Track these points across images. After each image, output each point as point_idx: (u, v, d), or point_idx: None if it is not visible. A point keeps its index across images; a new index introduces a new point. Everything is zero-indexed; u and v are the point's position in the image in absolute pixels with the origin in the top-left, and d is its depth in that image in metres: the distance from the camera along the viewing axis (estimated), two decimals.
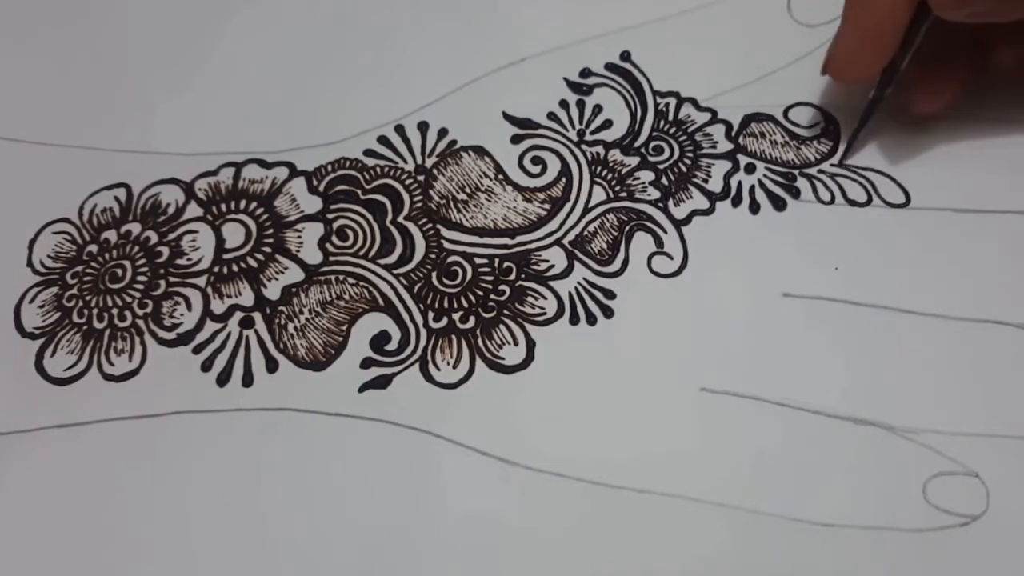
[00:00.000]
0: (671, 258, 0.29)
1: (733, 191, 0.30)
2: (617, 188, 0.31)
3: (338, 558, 0.25)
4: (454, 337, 0.28)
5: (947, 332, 0.27)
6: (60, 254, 0.30)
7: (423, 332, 0.28)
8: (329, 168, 0.31)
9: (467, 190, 0.31)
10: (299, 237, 0.30)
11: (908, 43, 0.27)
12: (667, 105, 0.32)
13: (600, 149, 0.31)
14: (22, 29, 0.36)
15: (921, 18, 0.27)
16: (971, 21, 0.26)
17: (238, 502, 0.26)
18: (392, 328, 0.28)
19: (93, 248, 0.30)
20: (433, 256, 0.30)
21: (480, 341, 0.28)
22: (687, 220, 0.30)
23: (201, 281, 0.29)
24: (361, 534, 0.25)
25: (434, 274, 0.29)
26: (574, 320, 0.28)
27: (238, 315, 0.29)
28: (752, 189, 0.30)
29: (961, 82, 0.29)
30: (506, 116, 0.32)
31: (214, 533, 0.25)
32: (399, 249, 0.30)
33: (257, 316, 0.29)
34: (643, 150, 0.31)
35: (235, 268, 0.30)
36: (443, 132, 0.32)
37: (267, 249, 0.30)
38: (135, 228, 0.31)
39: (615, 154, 0.31)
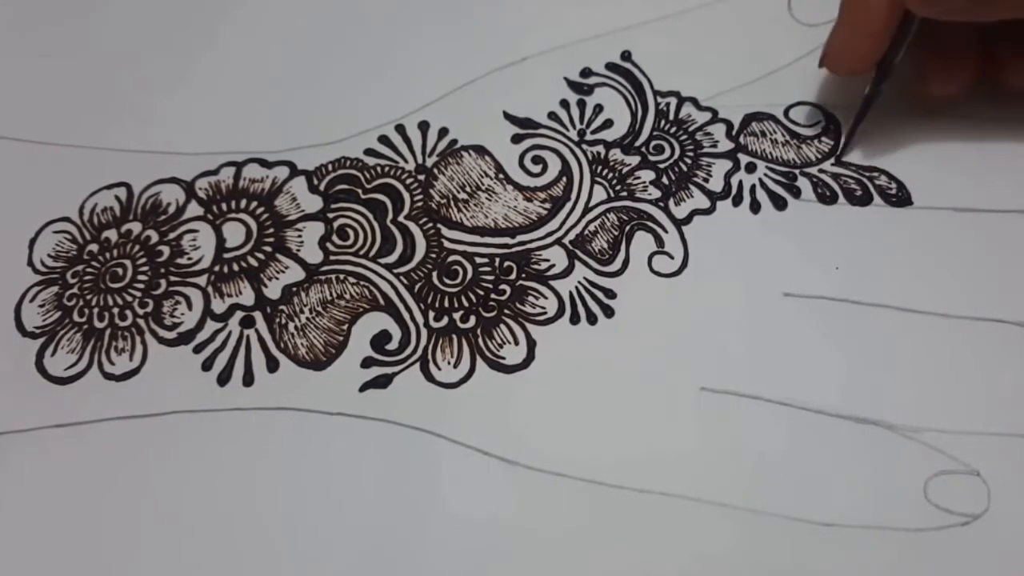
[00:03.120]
0: (672, 257, 0.29)
1: (734, 190, 0.30)
2: (618, 187, 0.31)
3: (338, 557, 0.25)
4: (455, 336, 0.28)
5: (947, 331, 0.27)
6: (61, 253, 0.30)
7: (424, 331, 0.28)
8: (330, 167, 0.31)
9: (468, 189, 0.31)
10: (300, 236, 0.30)
11: (900, 39, 0.28)
12: (668, 104, 0.32)
13: (601, 148, 0.31)
14: (22, 28, 0.36)
15: (912, 16, 0.27)
16: (948, 19, 0.26)
17: (238, 502, 0.26)
18: (393, 327, 0.28)
19: (94, 247, 0.30)
20: (434, 255, 0.30)
21: (481, 340, 0.28)
22: (688, 219, 0.30)
23: (202, 280, 0.29)
24: (361, 533, 0.25)
25: (435, 273, 0.29)
26: (575, 320, 0.28)
27: (239, 314, 0.29)
28: (753, 188, 0.30)
29: (977, 65, 0.29)
30: (507, 115, 0.32)
31: (214, 533, 0.25)
32: (400, 248, 0.30)
33: (258, 315, 0.29)
34: (644, 149, 0.31)
35: (236, 267, 0.30)
36: (444, 131, 0.32)
37: (268, 248, 0.30)
38: (136, 227, 0.31)
39: (616, 153, 0.31)
